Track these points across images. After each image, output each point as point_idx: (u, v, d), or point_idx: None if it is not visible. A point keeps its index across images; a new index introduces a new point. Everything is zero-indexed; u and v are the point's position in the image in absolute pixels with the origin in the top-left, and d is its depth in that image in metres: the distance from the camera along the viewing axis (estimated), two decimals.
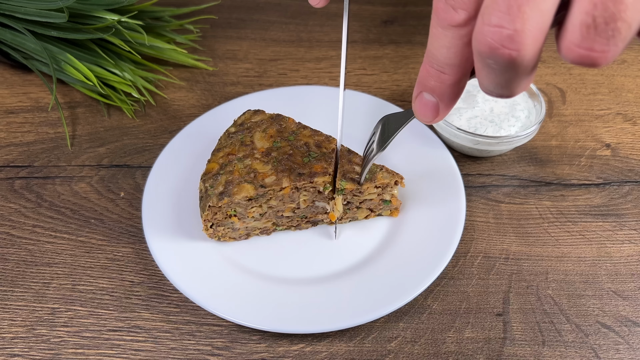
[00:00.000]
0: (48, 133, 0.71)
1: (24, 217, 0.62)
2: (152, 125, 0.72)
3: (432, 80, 0.32)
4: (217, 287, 0.53)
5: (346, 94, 0.70)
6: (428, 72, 0.32)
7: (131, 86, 0.72)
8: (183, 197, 0.60)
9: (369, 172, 0.55)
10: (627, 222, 0.61)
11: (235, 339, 0.52)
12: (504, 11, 0.25)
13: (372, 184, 0.55)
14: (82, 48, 0.72)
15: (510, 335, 0.52)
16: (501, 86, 0.29)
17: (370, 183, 0.55)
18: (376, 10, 0.89)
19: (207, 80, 0.78)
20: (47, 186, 0.65)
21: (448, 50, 0.30)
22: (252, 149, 0.57)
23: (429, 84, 0.33)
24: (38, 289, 0.56)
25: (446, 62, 0.31)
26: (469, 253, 0.58)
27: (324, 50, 0.82)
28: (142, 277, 0.57)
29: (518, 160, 0.67)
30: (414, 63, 0.80)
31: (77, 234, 0.60)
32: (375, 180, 0.55)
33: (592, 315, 0.53)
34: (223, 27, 0.87)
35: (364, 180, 0.54)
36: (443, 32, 0.30)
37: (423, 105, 0.34)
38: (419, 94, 0.34)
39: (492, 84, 0.29)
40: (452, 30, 0.29)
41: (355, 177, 0.55)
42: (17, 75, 0.78)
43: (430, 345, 0.51)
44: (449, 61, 0.31)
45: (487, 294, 0.55)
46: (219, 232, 0.56)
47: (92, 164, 0.67)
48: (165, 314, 0.54)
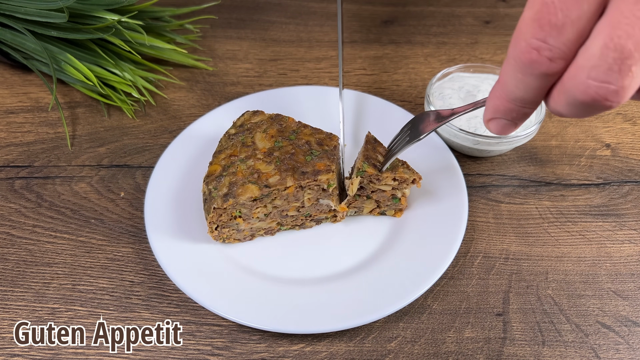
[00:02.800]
0: (48, 133, 0.71)
1: (24, 217, 0.62)
2: (152, 125, 0.72)
3: (513, 113, 0.34)
4: (218, 287, 0.53)
5: (346, 93, 0.70)
6: (508, 107, 0.33)
7: (131, 86, 0.72)
8: (184, 198, 0.60)
9: (390, 165, 0.56)
10: (627, 222, 0.61)
11: (235, 339, 0.52)
12: (615, 70, 0.26)
13: (391, 175, 0.55)
14: (82, 48, 0.72)
15: (510, 335, 0.52)
16: (579, 115, 0.31)
17: (390, 173, 0.55)
18: (376, 10, 0.89)
19: (207, 80, 0.78)
20: (47, 186, 0.65)
21: (535, 90, 0.31)
22: (253, 149, 0.57)
23: (510, 116, 0.34)
24: (38, 289, 0.56)
25: (530, 100, 0.32)
26: (469, 253, 0.58)
27: (324, 50, 0.82)
28: (142, 277, 0.57)
29: (518, 160, 0.67)
30: (413, 63, 0.80)
31: (77, 234, 0.60)
32: (396, 172, 0.55)
33: (592, 315, 0.53)
34: (223, 27, 0.87)
35: (385, 169, 0.55)
36: (531, 78, 0.30)
37: (501, 127, 0.36)
38: (496, 119, 0.35)
39: (571, 114, 0.31)
40: (545, 77, 0.30)
41: (377, 164, 0.55)
42: (17, 75, 0.78)
43: (430, 345, 0.51)
44: (534, 99, 0.32)
45: (487, 294, 0.55)
46: (224, 234, 0.56)
47: (92, 164, 0.67)
48: (165, 314, 0.54)
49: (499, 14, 0.89)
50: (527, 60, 0.29)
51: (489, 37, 0.85)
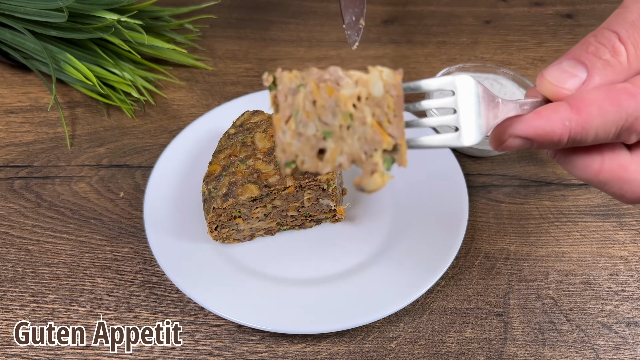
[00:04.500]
0: (47, 133, 0.71)
1: (23, 217, 0.62)
2: (152, 125, 0.72)
3: (554, 145, 0.33)
4: (217, 287, 0.53)
5: None
6: (561, 139, 0.32)
7: (131, 86, 0.72)
8: (184, 198, 0.60)
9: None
10: (627, 222, 0.61)
11: (235, 339, 0.52)
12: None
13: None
14: (82, 48, 0.72)
15: (510, 336, 0.52)
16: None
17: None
18: (376, 10, 0.89)
19: (207, 80, 0.78)
20: (46, 186, 0.65)
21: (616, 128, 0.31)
22: (253, 149, 0.56)
23: (545, 145, 0.33)
24: (37, 289, 0.56)
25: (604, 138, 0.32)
26: (469, 253, 0.58)
27: (324, 50, 0.82)
28: (141, 277, 0.57)
29: (518, 160, 0.67)
30: (414, 63, 0.80)
31: (77, 234, 0.60)
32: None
33: (592, 315, 0.53)
34: (223, 27, 0.86)
35: None
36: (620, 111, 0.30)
37: (518, 147, 0.34)
38: (526, 140, 0.34)
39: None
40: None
41: None
42: (16, 75, 0.78)
43: (431, 346, 0.51)
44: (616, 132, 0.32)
45: (487, 294, 0.55)
46: (224, 234, 0.56)
47: (91, 164, 0.67)
48: (164, 314, 0.54)
49: (500, 14, 0.89)
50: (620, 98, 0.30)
51: (490, 37, 0.85)
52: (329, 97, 0.31)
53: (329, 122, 0.31)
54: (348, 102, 0.31)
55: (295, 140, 0.31)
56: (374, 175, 0.31)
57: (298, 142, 0.31)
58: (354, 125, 0.31)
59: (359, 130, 0.31)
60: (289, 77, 0.32)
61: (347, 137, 0.31)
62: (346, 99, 0.31)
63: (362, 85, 0.31)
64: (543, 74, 0.34)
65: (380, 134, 0.31)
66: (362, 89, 0.31)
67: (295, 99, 0.31)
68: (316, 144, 0.31)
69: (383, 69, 0.31)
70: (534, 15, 0.89)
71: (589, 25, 0.86)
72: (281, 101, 0.31)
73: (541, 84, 0.34)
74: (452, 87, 0.33)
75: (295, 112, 0.31)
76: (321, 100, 0.31)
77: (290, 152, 0.31)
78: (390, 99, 0.31)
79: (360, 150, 0.31)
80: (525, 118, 0.32)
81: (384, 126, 0.31)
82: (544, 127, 0.31)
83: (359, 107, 0.31)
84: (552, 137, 0.31)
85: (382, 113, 0.31)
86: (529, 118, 0.32)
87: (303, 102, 0.31)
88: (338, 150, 0.31)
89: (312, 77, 0.31)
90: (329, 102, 0.31)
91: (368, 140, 0.31)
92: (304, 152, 0.31)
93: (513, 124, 0.33)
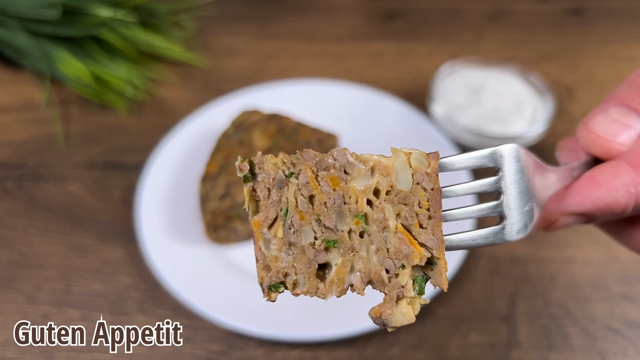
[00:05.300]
0: (41, 132, 0.69)
1: (16, 217, 0.60)
2: (147, 123, 0.70)
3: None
4: (214, 292, 0.51)
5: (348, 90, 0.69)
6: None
7: (126, 83, 0.71)
8: (179, 198, 0.59)
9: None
10: None
11: (233, 344, 0.51)
12: None
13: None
14: (76, 45, 0.71)
15: (515, 340, 0.51)
16: None
17: None
18: (379, 6, 0.88)
19: (204, 77, 0.76)
20: (40, 186, 0.63)
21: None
22: (251, 149, 0.55)
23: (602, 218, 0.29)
24: (31, 291, 0.54)
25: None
26: (474, 255, 0.57)
27: (324, 46, 0.81)
28: (136, 279, 0.55)
29: None
30: (416, 59, 0.79)
31: (71, 235, 0.59)
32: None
33: (599, 318, 0.52)
34: (219, 23, 0.85)
35: None
36: None
37: (570, 224, 0.31)
38: (584, 216, 0.29)
39: None
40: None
41: None
42: (9, 73, 0.76)
43: (434, 350, 0.50)
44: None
45: (492, 297, 0.54)
46: (221, 235, 0.55)
47: (85, 163, 0.66)
48: (160, 317, 0.52)
49: (503, 10, 0.88)
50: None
51: (493, 34, 0.83)
52: (333, 191, 0.22)
53: (334, 226, 0.22)
54: (361, 198, 0.22)
55: (283, 252, 0.23)
56: (400, 303, 0.23)
57: (288, 255, 0.23)
58: (371, 230, 0.22)
59: (378, 238, 0.22)
60: (273, 164, 0.23)
61: (361, 248, 0.22)
62: (358, 193, 0.22)
63: (382, 174, 0.22)
64: (588, 125, 0.27)
65: (409, 243, 0.22)
66: (382, 180, 0.22)
67: (282, 194, 0.23)
68: (315, 257, 0.23)
69: (412, 150, 0.22)
70: (540, 12, 0.87)
71: (595, 23, 0.84)
72: (262, 197, 0.23)
73: (587, 137, 0.27)
74: (494, 163, 0.24)
75: (283, 213, 0.23)
76: (322, 195, 0.22)
77: (276, 270, 0.23)
78: (423, 194, 0.22)
79: (380, 266, 0.22)
80: (579, 189, 0.26)
81: (414, 232, 0.22)
82: (605, 199, 0.25)
83: (378, 206, 0.22)
84: (615, 209, 0.25)
85: (412, 213, 0.22)
86: (583, 188, 0.26)
87: (295, 199, 0.22)
88: (347, 266, 0.23)
89: (307, 162, 0.23)
90: (333, 198, 0.22)
91: (391, 253, 0.22)
92: (297, 270, 0.23)
93: (565, 199, 0.26)
